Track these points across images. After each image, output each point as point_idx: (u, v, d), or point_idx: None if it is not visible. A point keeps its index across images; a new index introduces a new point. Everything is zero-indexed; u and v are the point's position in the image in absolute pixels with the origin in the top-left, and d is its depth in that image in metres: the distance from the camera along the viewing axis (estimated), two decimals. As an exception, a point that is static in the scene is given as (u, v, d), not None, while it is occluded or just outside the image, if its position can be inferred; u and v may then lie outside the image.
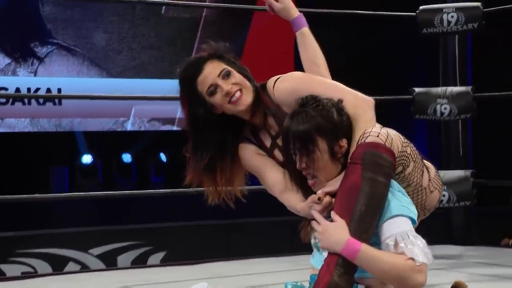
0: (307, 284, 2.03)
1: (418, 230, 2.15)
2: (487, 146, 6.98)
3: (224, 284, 3.51)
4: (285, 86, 2.22)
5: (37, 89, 7.45)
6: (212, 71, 2.26)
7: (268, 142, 2.31)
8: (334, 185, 2.04)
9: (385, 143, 1.99)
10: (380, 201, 1.96)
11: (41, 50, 7.57)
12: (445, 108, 4.06)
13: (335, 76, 2.41)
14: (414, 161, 2.09)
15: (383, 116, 2.23)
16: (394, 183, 2.04)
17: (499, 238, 6.50)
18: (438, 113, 4.07)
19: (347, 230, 1.93)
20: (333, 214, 1.98)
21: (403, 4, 4.35)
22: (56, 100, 7.65)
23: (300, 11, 2.46)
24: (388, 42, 7.72)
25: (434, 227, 4.89)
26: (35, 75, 7.53)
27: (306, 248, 2.24)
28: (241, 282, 3.46)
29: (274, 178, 2.26)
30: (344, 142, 2.05)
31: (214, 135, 2.30)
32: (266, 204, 5.73)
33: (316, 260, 2.13)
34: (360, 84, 2.25)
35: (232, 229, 5.59)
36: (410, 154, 2.08)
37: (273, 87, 2.25)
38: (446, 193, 4.05)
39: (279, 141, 2.23)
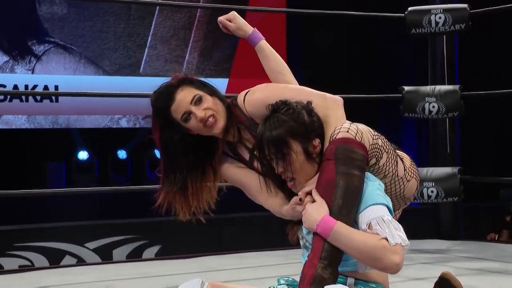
0: (298, 278, 2.04)
1: (407, 224, 2.16)
2: (475, 144, 7.01)
3: (216, 277, 3.51)
4: (255, 98, 2.23)
5: (35, 86, 7.44)
6: (183, 98, 2.24)
7: (246, 155, 2.32)
8: (313, 184, 2.06)
9: (355, 137, 2.02)
10: (356, 193, 1.98)
11: (38, 48, 7.56)
12: (433, 107, 4.07)
13: (328, 75, 2.42)
14: (387, 152, 2.10)
15: (374, 114, 2.24)
16: (369, 174, 2.06)
17: (486, 233, 6.55)
18: (427, 111, 4.08)
19: (325, 208, 1.96)
20: (314, 193, 2.00)
21: (392, 6, 4.37)
22: (53, 97, 7.64)
23: (291, 12, 2.47)
24: (378, 43, 7.74)
25: (423, 222, 4.92)
26: (32, 73, 7.52)
27: (297, 243, 2.24)
28: (234, 276, 3.46)
29: (258, 188, 2.25)
30: (317, 142, 2.07)
31: (187, 157, 2.30)
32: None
33: (305, 259, 2.14)
34: (352, 83, 2.26)
35: (225, 224, 5.60)
36: (382, 146, 2.09)
37: (244, 101, 2.26)
38: (434, 189, 4.06)
39: (257, 152, 2.24)
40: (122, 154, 8.33)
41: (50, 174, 7.78)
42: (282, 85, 2.33)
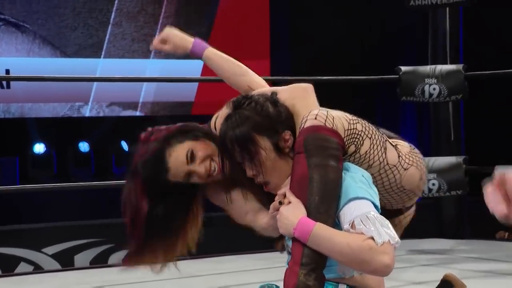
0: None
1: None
2: (481, 130, 7.05)
3: (194, 284, 3.53)
4: (216, 117, 2.26)
5: (-18, 71, 7.41)
6: (178, 163, 2.23)
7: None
8: (288, 184, 2.04)
9: (325, 123, 2.00)
10: (334, 187, 1.96)
11: (-15, 27, 7.52)
12: (434, 89, 4.09)
13: (317, 55, 2.43)
14: (370, 138, 2.08)
15: (369, 99, 2.24)
16: (349, 165, 2.04)
17: (494, 231, 6.59)
18: (427, 94, 4.10)
19: (301, 209, 1.93)
20: (288, 194, 1.98)
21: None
22: (4, 83, 7.60)
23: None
24: (372, 17, 7.76)
25: (423, 219, 4.94)
26: (-21, 55, 7.49)
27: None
28: (213, 282, 3.48)
29: (242, 208, 2.28)
30: (288, 135, 2.05)
31: (175, 220, 2.34)
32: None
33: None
34: (341, 63, 2.27)
35: (202, 224, 5.60)
36: (361, 131, 2.07)
37: (215, 124, 2.26)
38: (436, 182, 4.09)
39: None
40: (84, 146, 8.31)
41: (1, 170, 7.76)
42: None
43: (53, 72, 7.21)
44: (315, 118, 2.00)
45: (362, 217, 1.91)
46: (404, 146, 2.20)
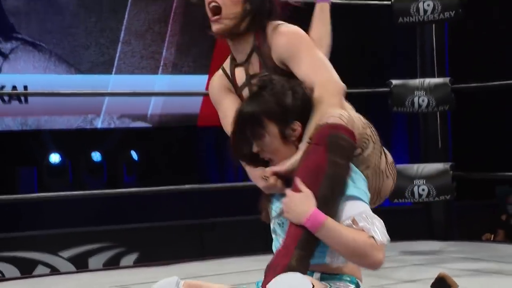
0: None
1: (398, 225, 2.16)
2: (467, 138, 7.04)
3: (198, 284, 3.51)
4: (282, 39, 2.18)
5: (2, 87, 7.40)
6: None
7: (241, 80, 2.28)
8: (282, 165, 2.05)
9: (347, 124, 2.00)
10: (342, 184, 1.97)
11: (5, 46, 7.51)
12: (422, 100, 4.08)
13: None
14: (373, 142, 2.09)
15: (361, 110, 2.24)
16: (351, 165, 2.04)
17: (483, 232, 6.58)
18: (416, 106, 4.09)
19: (313, 201, 1.94)
20: (299, 183, 1.97)
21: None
22: (22, 98, 7.60)
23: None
24: (364, 33, 7.75)
25: (414, 222, 4.93)
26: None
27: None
28: (216, 282, 3.46)
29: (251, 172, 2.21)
30: (297, 125, 2.05)
31: None
32: (238, 202, 5.77)
33: (276, 247, 2.13)
34: (341, 76, 2.25)
35: (205, 229, 5.60)
36: (369, 135, 2.08)
37: (273, 30, 2.21)
38: (425, 187, 4.07)
39: (253, 82, 2.21)
40: (96, 156, 8.30)
41: (20, 180, 7.74)
42: (311, 46, 2.21)
43: (68, 88, 7.22)
44: (339, 117, 2.00)
45: (362, 216, 1.94)
46: (389, 156, 2.20)
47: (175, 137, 8.34)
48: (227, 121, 2.23)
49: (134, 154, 8.36)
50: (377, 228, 1.92)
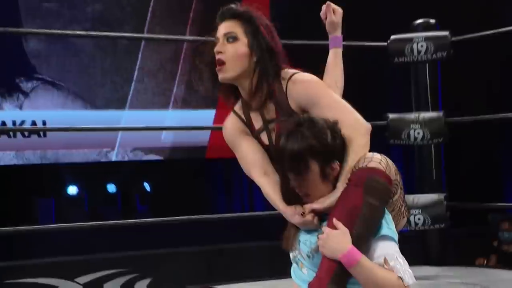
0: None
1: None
2: (461, 169, 7.04)
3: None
4: (301, 88, 2.18)
5: (23, 122, 7.44)
6: (223, 27, 2.23)
7: (257, 124, 2.27)
8: (321, 203, 2.05)
9: (385, 170, 2.02)
10: (376, 225, 2.00)
11: (26, 85, 7.57)
12: (418, 133, 4.10)
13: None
14: (401, 188, 2.12)
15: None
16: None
17: (476, 257, 6.55)
18: (412, 138, 4.11)
19: (350, 238, 1.96)
20: (335, 221, 1.99)
21: (374, 34, 4.41)
22: (41, 133, 7.63)
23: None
24: (362, 71, 7.80)
25: (411, 249, 4.92)
26: (20, 109, 7.53)
27: (284, 272, 2.25)
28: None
29: (254, 160, 2.24)
30: (336, 165, 2.06)
31: None
32: (244, 230, 5.77)
33: (296, 275, 2.14)
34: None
35: (213, 255, 5.60)
36: (399, 181, 2.11)
37: (289, 79, 2.21)
38: (421, 216, 4.07)
39: (271, 126, 2.22)
40: (111, 187, 8.32)
41: (39, 210, 7.76)
42: (328, 89, 2.24)
43: (84, 122, 7.26)
44: (379, 163, 2.02)
45: (393, 256, 1.97)
46: (403, 193, 2.21)
47: (185, 168, 8.36)
48: (246, 161, 2.26)
49: (146, 185, 8.38)
50: (406, 270, 1.96)
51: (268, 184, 2.21)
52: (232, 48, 2.20)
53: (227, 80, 2.25)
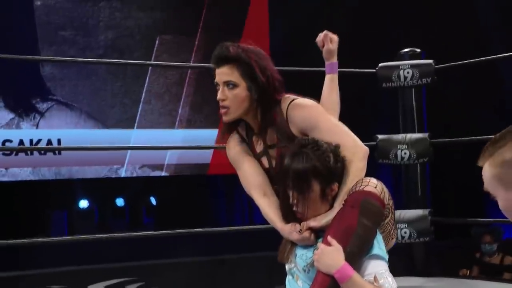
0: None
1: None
2: (443, 187, 7.05)
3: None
4: (300, 113, 2.19)
5: (39, 141, 7.47)
6: (221, 74, 2.22)
7: (259, 148, 2.28)
8: (318, 221, 2.06)
9: (380, 194, 2.04)
10: (368, 245, 2.01)
11: (42, 106, 7.61)
12: (405, 153, 4.11)
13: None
14: (392, 213, 2.13)
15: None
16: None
17: (460, 268, 6.55)
18: (399, 158, 4.13)
19: (343, 255, 1.97)
20: (330, 238, 2.00)
21: (364, 60, 4.45)
22: (56, 151, 7.65)
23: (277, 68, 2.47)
24: (352, 95, 7.83)
25: (398, 261, 4.92)
26: (37, 128, 7.56)
27: (282, 282, 2.26)
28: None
29: (255, 181, 2.25)
30: (335, 187, 2.07)
31: None
32: (244, 242, 5.78)
33: (291, 286, 2.15)
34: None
35: (216, 265, 5.60)
36: (391, 206, 2.13)
37: (288, 106, 2.22)
38: (407, 230, 4.09)
39: (271, 152, 2.23)
40: (120, 202, 8.33)
41: (53, 222, 7.76)
42: (326, 114, 2.24)
43: (96, 140, 7.28)
44: (375, 187, 2.04)
45: (382, 275, 1.98)
46: (393, 217, 2.22)
47: (189, 184, 8.37)
48: (248, 181, 2.27)
49: (152, 199, 8.39)
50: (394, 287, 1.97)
51: (267, 205, 2.22)
52: (232, 94, 2.21)
53: (231, 120, 2.27)
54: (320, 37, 2.53)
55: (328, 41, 2.51)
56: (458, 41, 7.62)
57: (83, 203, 8.03)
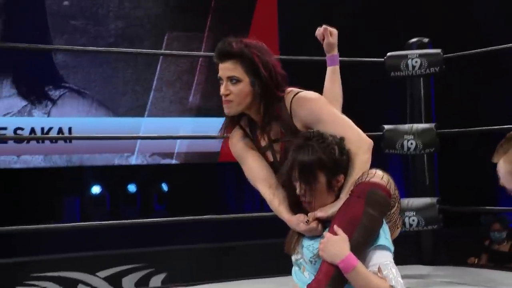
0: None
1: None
2: (451, 176, 7.02)
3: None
4: (304, 106, 2.19)
5: (50, 128, 7.49)
6: (225, 69, 2.23)
7: (263, 142, 2.29)
8: (325, 211, 2.07)
9: (386, 185, 2.04)
10: (374, 235, 2.01)
11: (54, 93, 7.62)
12: (411, 144, 4.09)
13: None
14: (398, 203, 2.14)
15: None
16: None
17: (468, 256, 6.53)
18: (405, 148, 4.11)
19: (348, 245, 1.97)
20: (336, 228, 2.00)
21: (371, 51, 4.42)
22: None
23: (278, 58, 2.46)
24: (360, 85, 7.80)
25: (405, 249, 4.90)
26: (48, 116, 7.58)
27: (289, 270, 2.25)
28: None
29: (260, 174, 2.26)
30: (341, 178, 2.07)
31: None
32: (252, 229, 5.77)
33: (297, 277, 2.15)
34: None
35: (224, 252, 5.60)
36: (397, 196, 2.13)
37: (292, 99, 2.22)
38: (415, 218, 4.07)
39: (276, 146, 2.24)
40: (132, 188, 8.35)
41: (65, 208, 7.79)
42: (330, 106, 2.24)
43: (107, 128, 7.30)
44: (381, 178, 2.05)
45: (387, 266, 1.98)
46: (399, 207, 2.21)
47: (199, 171, 8.39)
48: (253, 175, 2.27)
49: (164, 186, 8.40)
50: (398, 280, 1.96)
51: (273, 197, 2.22)
52: (236, 89, 2.22)
53: (233, 114, 2.28)
54: (320, 31, 2.54)
55: (328, 34, 2.53)
56: (465, 31, 7.56)
57: (96, 189, 8.06)
